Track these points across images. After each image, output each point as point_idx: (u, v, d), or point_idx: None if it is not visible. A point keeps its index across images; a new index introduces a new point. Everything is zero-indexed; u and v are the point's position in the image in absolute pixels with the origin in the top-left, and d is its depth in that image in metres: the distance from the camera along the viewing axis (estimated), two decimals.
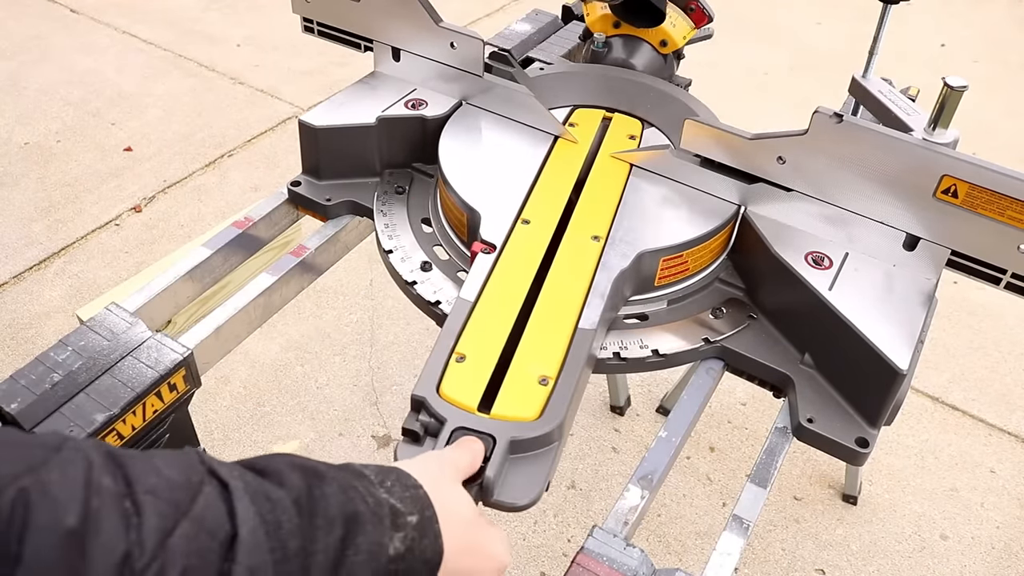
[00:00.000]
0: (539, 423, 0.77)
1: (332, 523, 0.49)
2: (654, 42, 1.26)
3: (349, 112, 1.16)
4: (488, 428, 0.75)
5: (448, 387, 0.79)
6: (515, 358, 0.83)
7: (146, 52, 3.20)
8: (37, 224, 2.39)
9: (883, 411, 0.89)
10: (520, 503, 0.72)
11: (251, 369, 2.00)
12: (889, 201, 0.93)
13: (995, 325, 2.21)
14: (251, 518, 0.47)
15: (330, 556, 0.48)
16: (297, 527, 0.48)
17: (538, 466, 0.75)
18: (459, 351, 0.83)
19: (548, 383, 0.81)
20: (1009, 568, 1.69)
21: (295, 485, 0.50)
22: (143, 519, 0.43)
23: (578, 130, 1.15)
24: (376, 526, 0.51)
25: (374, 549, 0.51)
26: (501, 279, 0.92)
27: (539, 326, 0.87)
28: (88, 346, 0.89)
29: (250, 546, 0.46)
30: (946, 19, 3.69)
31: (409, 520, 0.54)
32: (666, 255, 0.97)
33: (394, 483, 0.55)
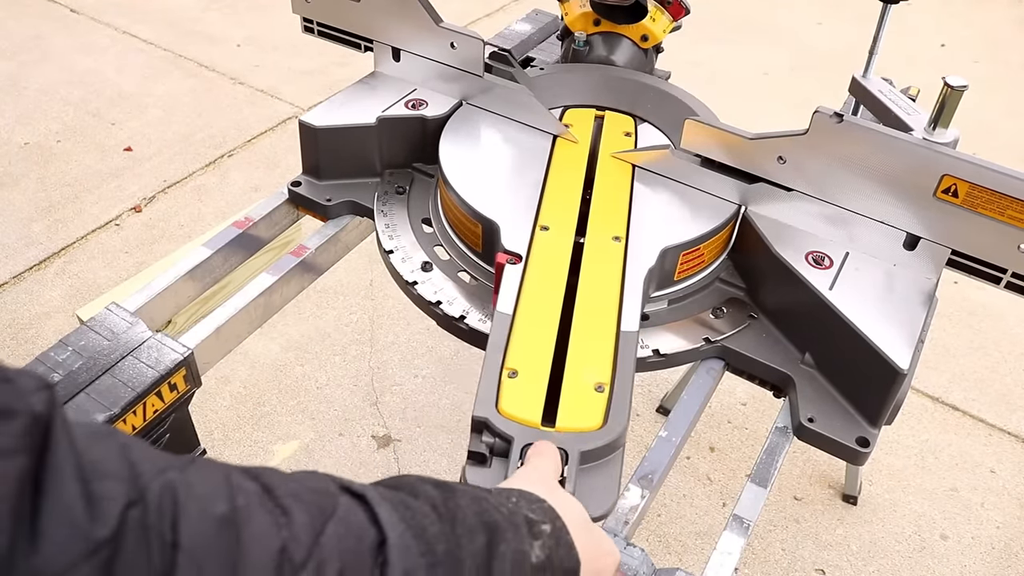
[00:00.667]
0: (605, 431, 0.76)
1: (473, 531, 0.49)
2: (635, 37, 1.26)
3: (349, 112, 1.16)
4: (557, 442, 0.73)
5: (507, 404, 0.78)
6: (567, 368, 0.82)
7: (146, 52, 3.20)
8: (37, 224, 2.39)
9: (884, 411, 0.89)
10: (597, 514, 0.71)
11: (251, 369, 2.00)
12: (889, 201, 0.93)
13: (995, 325, 2.21)
14: (396, 523, 0.46)
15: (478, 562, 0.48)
16: (441, 532, 0.47)
17: (609, 473, 0.75)
18: (509, 367, 0.82)
19: (604, 389, 0.80)
20: (1009, 568, 1.69)
21: (430, 494, 0.50)
22: (291, 518, 0.43)
23: (573, 129, 1.15)
24: (515, 534, 0.51)
25: (518, 557, 0.50)
26: (533, 289, 0.91)
27: (583, 333, 0.86)
28: (88, 346, 0.89)
29: (401, 549, 0.45)
30: (946, 19, 3.69)
31: (544, 529, 0.53)
32: (686, 249, 0.99)
33: (519, 498, 0.55)
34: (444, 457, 1.84)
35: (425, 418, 1.93)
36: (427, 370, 2.04)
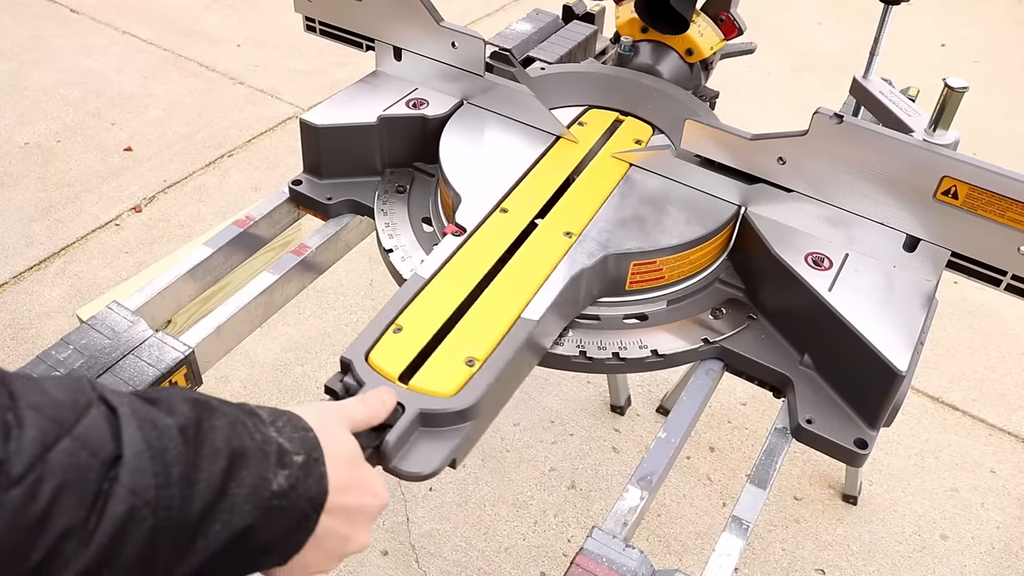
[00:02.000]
0: (452, 399, 0.78)
1: (217, 454, 0.51)
2: (680, 50, 1.23)
3: (350, 111, 1.16)
4: (401, 397, 0.75)
5: (377, 355, 0.81)
6: (449, 336, 0.84)
7: (146, 52, 3.20)
8: (37, 224, 2.39)
9: (882, 412, 0.89)
10: (418, 472, 0.73)
11: (251, 369, 2.00)
12: (889, 202, 0.94)
13: (995, 325, 2.21)
14: (137, 442, 0.48)
15: (212, 485, 0.50)
16: (182, 454, 0.49)
17: (445, 442, 0.76)
18: (399, 323, 0.85)
19: (474, 364, 0.82)
20: (1009, 568, 1.69)
21: (184, 415, 0.51)
22: (24, 431, 0.44)
23: (586, 130, 1.15)
24: (261, 462, 0.53)
25: (257, 483, 0.52)
26: (462, 262, 0.93)
27: (483, 310, 0.88)
28: (89, 345, 0.89)
29: (133, 468, 0.47)
30: (946, 19, 3.69)
31: (295, 459, 0.55)
32: (636, 260, 0.96)
33: (285, 424, 0.57)
34: None
35: None
36: None
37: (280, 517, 0.54)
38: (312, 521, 0.56)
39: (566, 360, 0.95)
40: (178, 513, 0.48)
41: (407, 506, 1.75)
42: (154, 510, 0.47)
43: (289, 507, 0.54)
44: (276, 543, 0.55)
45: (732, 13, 1.22)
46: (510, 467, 1.83)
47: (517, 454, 1.86)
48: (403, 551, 1.68)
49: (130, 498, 0.46)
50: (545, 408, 1.96)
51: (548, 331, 0.91)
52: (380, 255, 1.08)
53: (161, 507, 0.48)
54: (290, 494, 0.54)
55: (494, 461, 1.85)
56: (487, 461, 1.84)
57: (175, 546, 0.49)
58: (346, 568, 1.65)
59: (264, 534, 0.53)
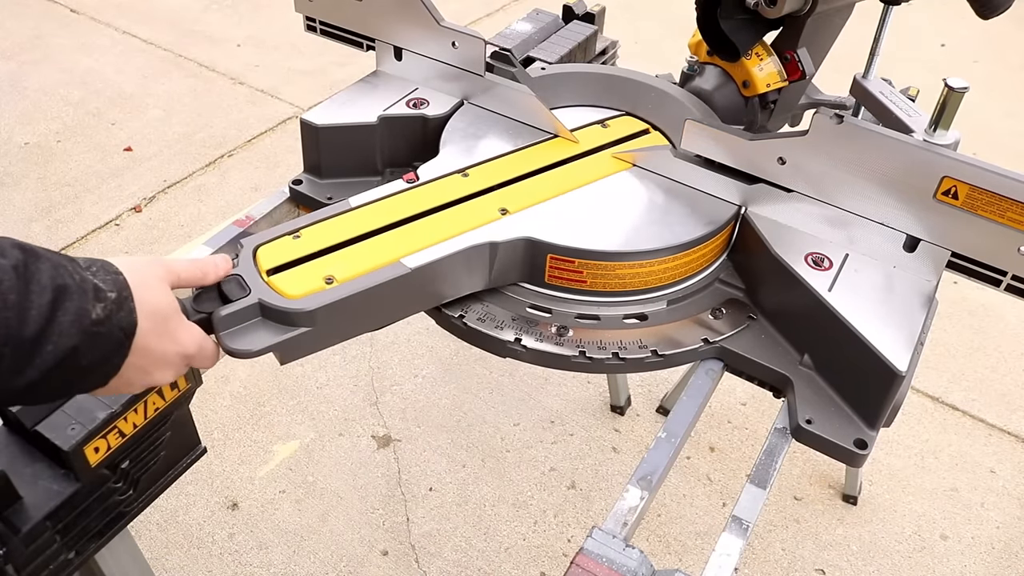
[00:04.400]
0: (290, 301, 0.82)
1: (44, 289, 0.60)
2: (739, 81, 1.18)
3: (351, 111, 1.16)
4: (254, 285, 0.81)
5: (264, 250, 0.87)
6: (328, 256, 0.89)
7: (146, 52, 3.20)
8: (37, 224, 2.39)
9: (882, 412, 0.89)
10: (233, 348, 0.79)
11: (251, 369, 2.00)
12: (889, 202, 0.94)
13: (995, 325, 2.21)
14: None
15: (43, 313, 0.60)
16: (15, 286, 0.59)
17: (273, 334, 0.81)
18: (301, 232, 0.90)
19: (332, 283, 0.85)
20: (1009, 568, 1.69)
21: (15, 256, 0.60)
22: None
23: (605, 132, 1.15)
24: (81, 296, 0.62)
25: (80, 312, 0.62)
26: (394, 204, 0.97)
27: (372, 246, 0.91)
28: None
29: None
30: (946, 19, 3.69)
31: (109, 295, 0.65)
32: (553, 252, 0.96)
33: (99, 269, 0.66)
34: (444, 457, 1.85)
35: (425, 418, 1.93)
36: (427, 370, 2.04)
37: (99, 341, 0.63)
38: (126, 348, 0.66)
39: (566, 360, 0.95)
40: (16, 332, 0.58)
41: (407, 506, 1.75)
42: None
43: (106, 334, 0.64)
44: (96, 365, 0.65)
45: (797, 54, 1.15)
46: (510, 467, 1.83)
47: (517, 454, 1.86)
48: (403, 551, 1.68)
49: None
50: (545, 408, 1.96)
51: (433, 284, 0.93)
52: None
53: (4, 325, 0.57)
54: (106, 323, 0.64)
55: (494, 461, 1.85)
56: (487, 461, 1.85)
57: (15, 359, 0.59)
58: (346, 568, 1.65)
59: (86, 356, 0.63)
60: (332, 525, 1.71)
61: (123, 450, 0.86)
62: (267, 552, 1.67)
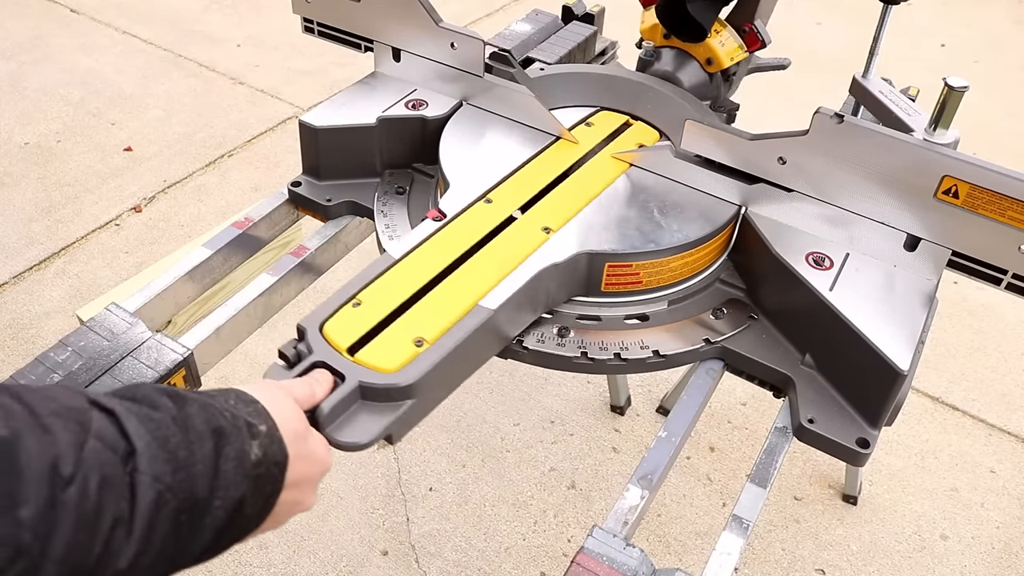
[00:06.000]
0: (392, 376, 0.78)
1: (203, 437, 0.55)
2: (701, 59, 1.21)
3: (350, 112, 1.16)
4: (344, 368, 0.76)
5: (331, 326, 0.82)
6: (404, 316, 0.85)
7: (146, 52, 3.20)
8: (37, 224, 2.39)
9: (884, 411, 0.89)
10: (349, 442, 0.74)
11: (251, 369, 2.00)
12: (890, 202, 0.93)
13: (995, 325, 2.21)
14: (143, 435, 0.52)
15: (208, 465, 0.54)
16: (181, 441, 0.54)
17: (382, 416, 0.77)
18: (359, 298, 0.86)
19: (423, 345, 0.82)
20: (1009, 568, 1.69)
21: (167, 406, 0.56)
22: (56, 436, 0.48)
23: (592, 131, 1.15)
24: (237, 436, 0.57)
25: (240, 456, 0.57)
26: (435, 246, 0.93)
27: (443, 294, 0.88)
28: (88, 346, 0.89)
29: (148, 457, 0.51)
30: (946, 19, 3.69)
31: (261, 429, 0.60)
32: (612, 261, 0.96)
33: (236, 400, 0.61)
34: (444, 457, 1.84)
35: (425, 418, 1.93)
36: None
37: (261, 484, 0.58)
38: (280, 483, 0.61)
39: (568, 361, 0.94)
40: (190, 493, 0.53)
41: (407, 506, 1.75)
42: (175, 493, 0.52)
43: (266, 474, 0.59)
44: (258, 511, 0.59)
45: (756, 25, 1.18)
46: (510, 467, 1.83)
47: (517, 454, 1.86)
48: (403, 551, 1.68)
49: (155, 485, 0.51)
50: (545, 408, 1.96)
51: (510, 321, 0.91)
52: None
53: (179, 489, 0.52)
54: (264, 461, 0.59)
55: (494, 461, 1.84)
56: (487, 461, 1.84)
57: (192, 525, 0.53)
58: (346, 568, 1.65)
59: (251, 503, 0.58)
60: (332, 525, 1.71)
61: None
62: (267, 552, 1.67)
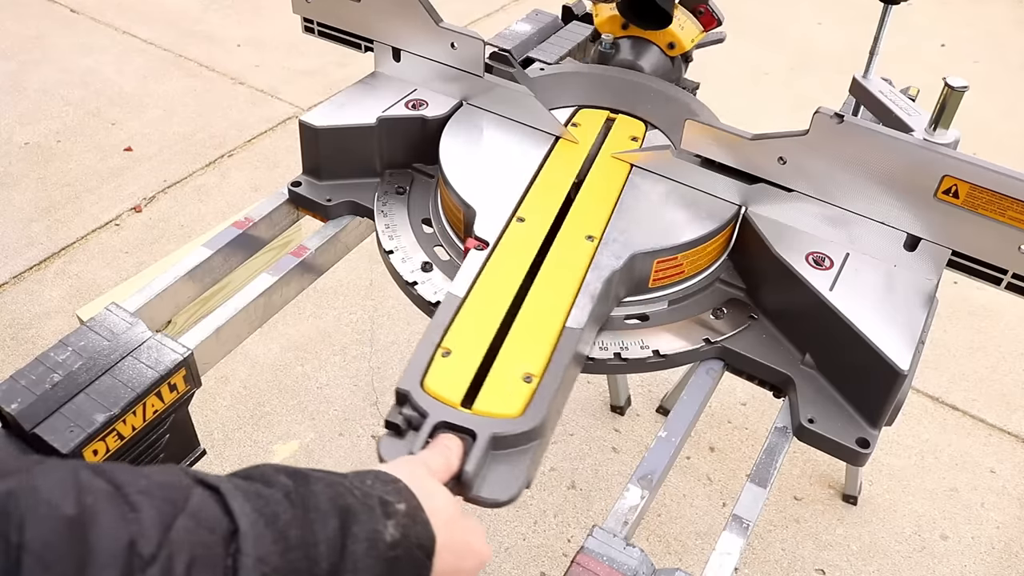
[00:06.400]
0: (521, 420, 0.76)
1: (326, 515, 0.50)
2: (662, 44, 1.25)
3: (349, 112, 1.16)
4: (469, 423, 0.74)
5: (432, 381, 0.79)
6: (500, 355, 0.83)
7: (146, 52, 3.20)
8: (37, 224, 2.39)
9: (884, 411, 0.89)
10: (500, 499, 0.71)
11: (251, 369, 2.00)
12: (890, 201, 0.93)
13: (995, 325, 2.21)
14: (248, 512, 0.47)
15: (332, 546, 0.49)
16: (293, 518, 0.49)
17: (519, 463, 0.74)
18: (445, 346, 0.83)
19: (532, 380, 0.80)
20: (1009, 568, 1.69)
21: (283, 483, 0.51)
22: (140, 513, 0.44)
23: (580, 130, 1.15)
24: (369, 515, 0.52)
25: (372, 537, 0.51)
26: (492, 276, 0.92)
27: (526, 324, 0.87)
28: (88, 346, 0.89)
29: (252, 537, 0.46)
30: (946, 19, 3.69)
31: (399, 507, 0.55)
32: (660, 257, 0.97)
33: (375, 480, 0.57)
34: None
35: None
36: None
37: (398, 568, 0.53)
38: (427, 569, 0.55)
39: None
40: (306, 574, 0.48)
41: None
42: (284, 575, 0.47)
43: (405, 556, 0.53)
44: None
45: (710, 5, 1.22)
46: None
47: None
48: None
49: (259, 567, 0.46)
50: None
51: (588, 337, 0.91)
52: (380, 256, 1.08)
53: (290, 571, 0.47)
54: (403, 543, 0.53)
55: None
56: None
57: None
58: None
59: None
60: None
61: (122, 453, 0.86)
62: None
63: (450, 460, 0.69)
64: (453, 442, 0.71)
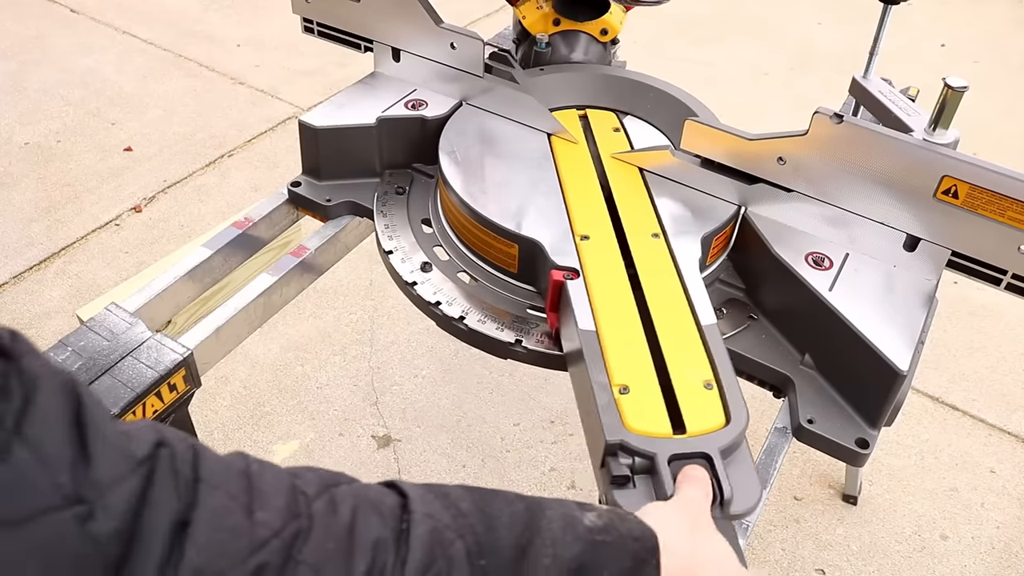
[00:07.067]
0: (734, 425, 0.78)
1: (510, 500, 0.51)
2: (594, 32, 1.25)
3: (349, 112, 1.16)
4: (697, 447, 0.74)
5: (634, 421, 0.77)
6: (672, 372, 0.82)
7: (146, 52, 3.20)
8: (37, 224, 2.39)
9: (883, 412, 0.89)
10: (750, 505, 0.72)
11: (251, 369, 2.00)
12: (889, 202, 0.93)
13: (995, 325, 2.21)
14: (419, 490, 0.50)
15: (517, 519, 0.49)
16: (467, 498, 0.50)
17: (745, 467, 0.76)
18: (617, 383, 0.81)
19: (713, 386, 0.81)
20: (1009, 568, 1.69)
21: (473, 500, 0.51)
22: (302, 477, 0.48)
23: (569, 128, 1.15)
24: (560, 504, 0.52)
25: (567, 519, 0.50)
26: (602, 300, 0.90)
27: (669, 335, 0.86)
28: (88, 346, 0.89)
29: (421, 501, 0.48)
30: (946, 19, 3.69)
31: (598, 506, 0.53)
32: (715, 234, 1.00)
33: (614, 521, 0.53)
34: (444, 457, 1.84)
35: (425, 418, 1.93)
36: (427, 370, 2.04)
37: (609, 554, 0.50)
38: (652, 566, 0.52)
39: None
40: (487, 540, 0.47)
41: None
42: (460, 533, 0.47)
43: (615, 543, 0.51)
44: None
45: None
46: (510, 467, 1.83)
47: (517, 454, 1.86)
48: None
49: (428, 520, 0.47)
50: (545, 408, 1.96)
51: None
52: (380, 256, 1.08)
53: (465, 532, 0.47)
54: (610, 531, 0.51)
55: (494, 461, 1.84)
56: (487, 461, 1.84)
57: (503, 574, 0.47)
58: None
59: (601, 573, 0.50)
60: None
61: None
62: None
63: (707, 489, 0.69)
64: (694, 469, 0.71)
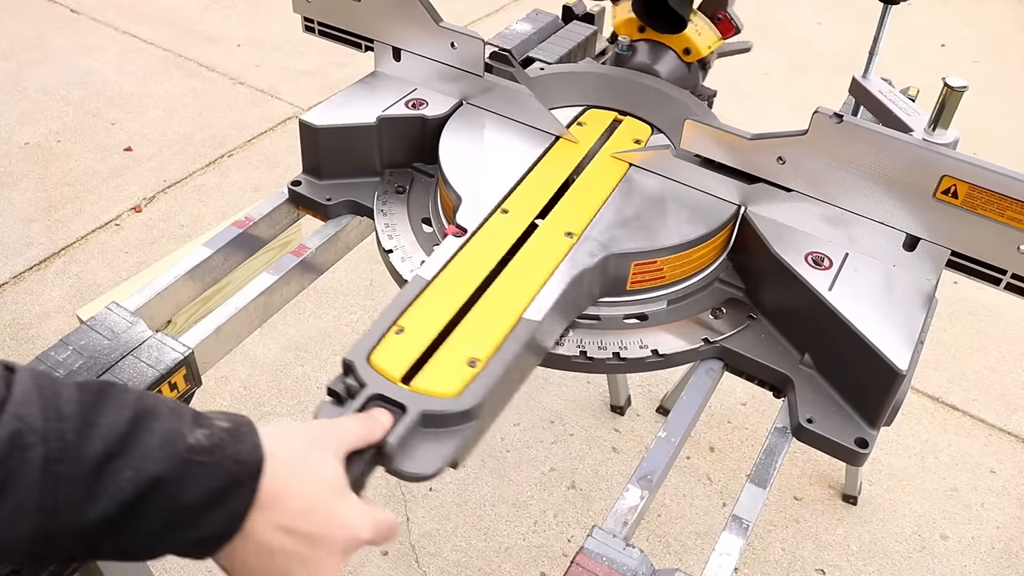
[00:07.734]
0: (455, 400, 0.77)
1: (124, 406, 0.51)
2: (678, 49, 1.24)
3: (350, 112, 1.16)
4: (403, 398, 0.75)
5: (379, 356, 0.80)
6: (451, 337, 0.84)
7: (146, 52, 3.20)
8: (37, 224, 2.39)
9: (883, 412, 0.89)
10: (415, 472, 0.71)
11: (251, 369, 2.00)
12: (889, 201, 0.94)
13: (995, 325, 2.21)
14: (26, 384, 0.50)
15: (116, 430, 0.50)
16: (76, 400, 0.50)
17: (447, 442, 0.75)
18: (400, 324, 0.84)
19: (477, 365, 0.81)
20: (1009, 568, 1.69)
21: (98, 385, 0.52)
22: None
23: (585, 130, 1.15)
24: (173, 418, 0.52)
25: (170, 435, 0.51)
26: (464, 263, 0.92)
27: (484, 311, 0.87)
28: (89, 345, 0.89)
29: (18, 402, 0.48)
30: (946, 19, 3.69)
31: (219, 424, 0.54)
32: (637, 260, 0.96)
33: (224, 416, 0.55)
34: None
35: None
36: None
37: (201, 475, 0.51)
38: (247, 489, 0.53)
39: (567, 360, 0.94)
40: (74, 447, 0.48)
41: (407, 506, 1.75)
42: (44, 438, 0.48)
43: (212, 464, 0.51)
44: (202, 508, 0.51)
45: (729, 12, 1.22)
46: (510, 467, 1.83)
47: (517, 454, 1.86)
48: (403, 551, 1.68)
49: (13, 422, 0.47)
50: (545, 408, 1.96)
51: (550, 331, 0.91)
52: (380, 256, 1.08)
53: (52, 437, 0.48)
54: (213, 452, 0.52)
55: (494, 461, 1.85)
56: (487, 461, 1.84)
57: (78, 482, 0.48)
58: (346, 568, 1.65)
59: (184, 492, 0.51)
60: None
61: None
62: None
63: (372, 430, 0.69)
64: (383, 415, 0.72)
